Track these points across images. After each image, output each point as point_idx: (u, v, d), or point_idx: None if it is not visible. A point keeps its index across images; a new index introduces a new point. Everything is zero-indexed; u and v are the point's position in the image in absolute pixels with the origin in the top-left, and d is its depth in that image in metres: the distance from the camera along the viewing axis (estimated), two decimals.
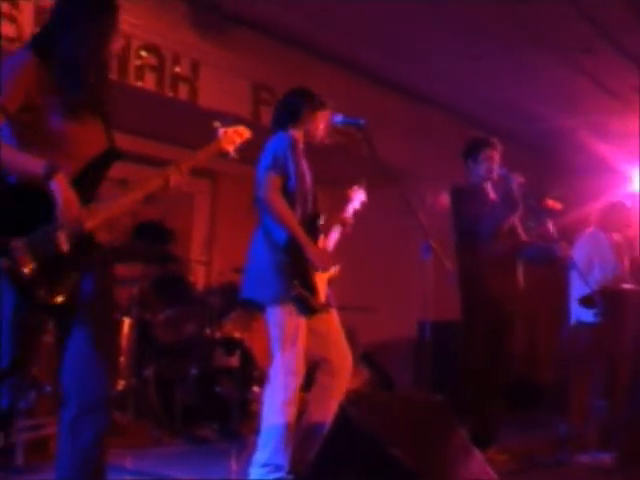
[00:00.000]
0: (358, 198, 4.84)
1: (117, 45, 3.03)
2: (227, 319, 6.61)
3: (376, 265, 8.61)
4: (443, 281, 4.25)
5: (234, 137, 3.40)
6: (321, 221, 4.46)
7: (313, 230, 4.34)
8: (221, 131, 3.37)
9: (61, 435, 2.92)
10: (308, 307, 4.17)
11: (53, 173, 2.65)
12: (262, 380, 6.15)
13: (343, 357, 4.36)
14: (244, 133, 3.45)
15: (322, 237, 4.45)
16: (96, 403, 2.85)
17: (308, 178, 4.40)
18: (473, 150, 5.58)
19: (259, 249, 4.27)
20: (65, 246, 2.66)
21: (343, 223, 4.69)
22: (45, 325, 2.98)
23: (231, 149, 3.38)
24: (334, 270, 4.43)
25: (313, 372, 4.38)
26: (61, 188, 2.66)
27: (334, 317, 4.43)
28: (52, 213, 2.66)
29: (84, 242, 2.74)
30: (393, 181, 4.47)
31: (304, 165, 4.38)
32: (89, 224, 2.76)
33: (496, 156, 5.52)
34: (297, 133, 4.41)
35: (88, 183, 2.84)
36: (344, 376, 4.34)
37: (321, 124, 4.48)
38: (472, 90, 8.56)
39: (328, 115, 4.49)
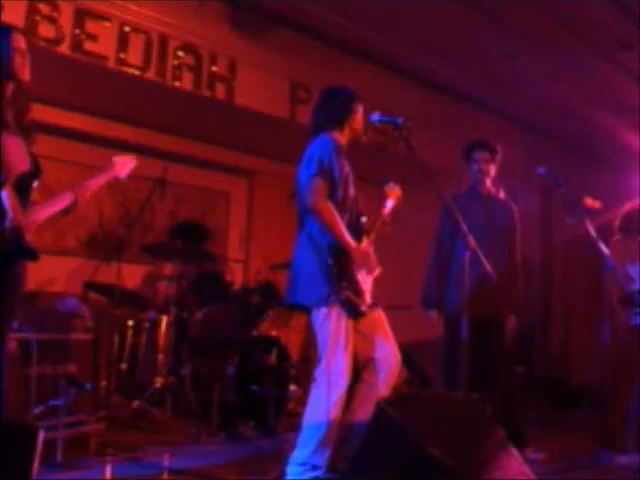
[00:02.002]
0: (395, 195, 4.79)
1: (19, 63, 3.46)
2: (264, 317, 6.63)
3: (413, 264, 8.58)
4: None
5: (127, 164, 3.98)
6: (364, 222, 4.43)
7: (357, 231, 4.32)
8: (114, 159, 3.93)
9: None
10: (355, 309, 4.15)
11: (2, 183, 3.13)
12: (299, 378, 6.19)
13: (390, 357, 4.32)
14: (132, 161, 4.01)
15: (365, 238, 4.41)
16: None
17: (351, 180, 4.38)
18: (466, 152, 5.68)
19: (303, 254, 4.23)
20: (10, 243, 3.15)
21: (383, 221, 4.65)
22: None
23: (122, 174, 3.96)
24: (377, 271, 4.40)
25: (358, 373, 4.36)
26: (8, 196, 3.16)
27: (381, 317, 4.41)
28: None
29: (20, 240, 3.21)
30: (430, 180, 4.45)
31: (347, 167, 4.36)
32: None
33: (486, 157, 5.58)
34: (340, 135, 4.38)
35: (19, 194, 3.29)
36: (390, 376, 4.30)
37: (360, 117, 4.43)
38: (511, 88, 8.50)
39: (361, 106, 4.46)
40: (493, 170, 5.65)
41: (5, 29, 3.51)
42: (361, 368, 4.34)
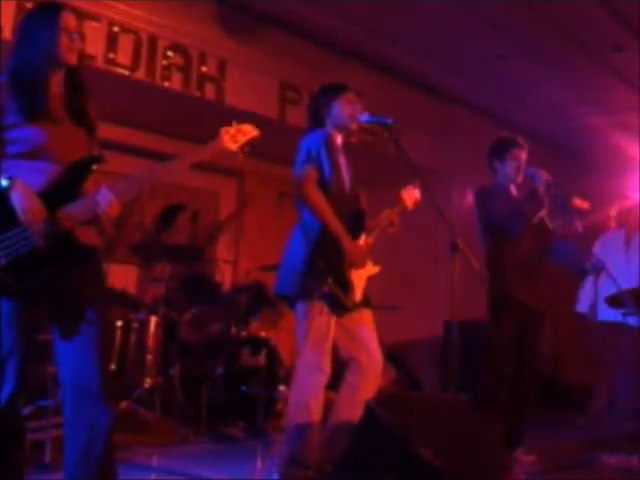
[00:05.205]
0: (411, 198, 4.77)
1: (65, 45, 3.11)
2: (254, 318, 6.63)
3: (403, 264, 8.59)
4: (470, 280, 4.23)
5: (237, 136, 3.37)
6: (366, 220, 4.44)
7: (356, 228, 4.32)
8: (222, 130, 3.35)
9: (64, 431, 3.07)
10: (339, 305, 4.14)
11: (11, 186, 2.86)
12: (288, 379, 6.18)
13: (372, 358, 4.31)
14: (249, 131, 3.43)
15: (364, 236, 4.41)
16: (91, 396, 3.01)
17: (346, 175, 4.37)
18: (499, 150, 5.49)
19: (294, 245, 4.24)
20: (39, 242, 2.86)
21: (391, 223, 4.65)
22: (37, 322, 3.12)
23: (234, 148, 3.36)
24: (374, 269, 4.40)
25: (342, 371, 4.36)
26: (20, 198, 2.85)
27: (369, 317, 4.40)
28: None
29: (61, 240, 2.93)
30: (420, 180, 4.45)
31: (341, 162, 4.35)
32: (68, 223, 2.94)
33: (523, 156, 5.45)
34: (332, 130, 4.39)
35: (69, 185, 3.01)
36: (372, 377, 4.30)
37: (345, 109, 4.40)
38: (500, 89, 8.51)
39: (351, 97, 4.44)
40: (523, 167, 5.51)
41: (52, 7, 3.17)
42: (343, 367, 4.34)
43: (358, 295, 4.25)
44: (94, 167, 3.08)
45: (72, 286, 2.98)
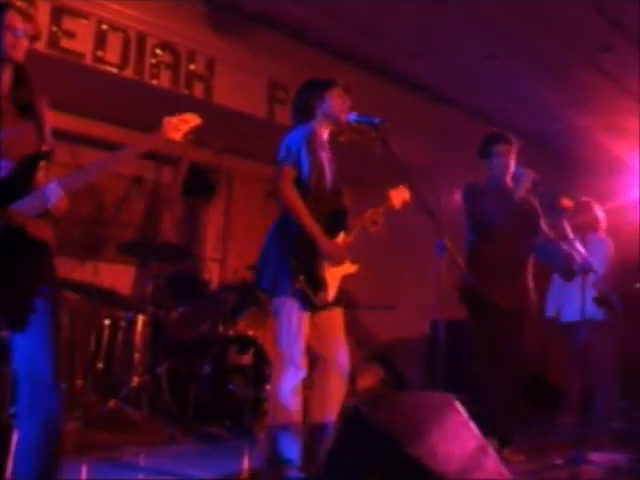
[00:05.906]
0: (399, 198, 4.74)
1: (10, 42, 3.14)
2: (241, 317, 6.62)
3: (390, 264, 8.59)
4: (456, 280, 4.24)
5: (180, 125, 3.50)
6: (347, 217, 4.44)
7: (334, 225, 4.31)
8: (164, 120, 3.48)
9: (17, 422, 3.10)
10: (310, 303, 4.15)
11: None
12: None
13: (339, 357, 4.31)
14: (191, 120, 3.54)
15: (343, 234, 4.40)
16: (45, 386, 3.03)
17: (328, 172, 4.34)
18: (485, 146, 5.50)
19: (270, 241, 4.26)
20: None
21: (374, 222, 4.62)
22: None
23: (177, 137, 3.49)
24: (351, 268, 4.40)
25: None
26: None
27: (339, 316, 4.39)
28: None
29: (13, 234, 2.96)
30: (408, 180, 4.45)
31: (323, 157, 4.33)
32: (18, 219, 2.98)
33: (511, 150, 5.43)
34: (318, 125, 4.38)
35: (19, 181, 3.05)
36: (339, 376, 4.29)
37: (335, 101, 4.41)
38: (490, 89, 8.52)
39: (341, 91, 4.45)
40: (513, 163, 5.47)
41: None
42: (312, 367, 4.33)
43: (331, 294, 4.25)
44: (41, 163, 3.12)
45: (23, 279, 3.01)
